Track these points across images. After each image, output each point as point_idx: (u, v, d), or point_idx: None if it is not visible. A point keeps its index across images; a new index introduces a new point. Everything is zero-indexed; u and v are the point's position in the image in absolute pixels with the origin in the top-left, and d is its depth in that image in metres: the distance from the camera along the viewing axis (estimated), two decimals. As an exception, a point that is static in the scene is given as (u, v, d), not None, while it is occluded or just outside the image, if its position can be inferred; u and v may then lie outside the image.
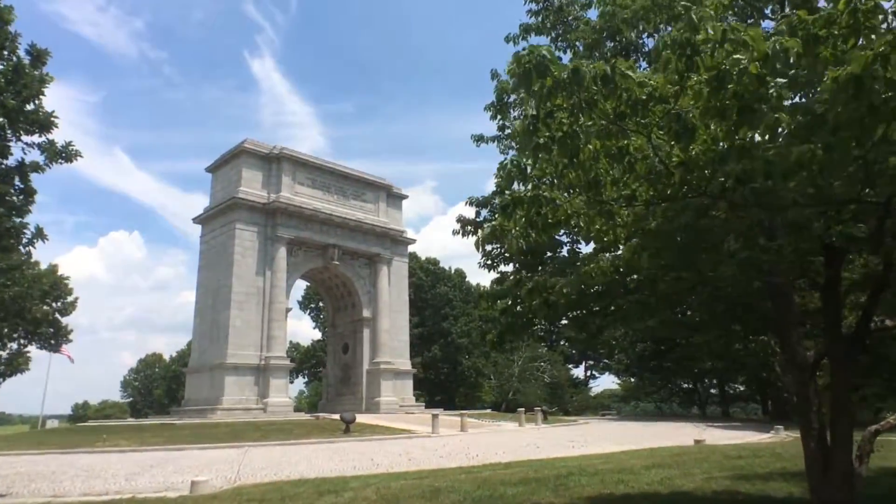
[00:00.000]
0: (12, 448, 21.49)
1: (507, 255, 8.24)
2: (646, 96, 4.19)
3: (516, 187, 4.82)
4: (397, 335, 46.70)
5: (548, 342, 68.61)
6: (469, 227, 8.07)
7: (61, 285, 42.54)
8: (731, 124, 4.00)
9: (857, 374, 6.36)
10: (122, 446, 21.86)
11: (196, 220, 43.22)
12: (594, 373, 77.41)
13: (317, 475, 13.57)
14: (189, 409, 38.08)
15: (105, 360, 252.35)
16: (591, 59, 4.33)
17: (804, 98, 4.39)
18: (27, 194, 11.32)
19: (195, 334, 41.66)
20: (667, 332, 9.82)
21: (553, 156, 4.48)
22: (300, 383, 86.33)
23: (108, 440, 23.27)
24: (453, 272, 71.52)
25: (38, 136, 12.26)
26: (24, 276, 32.89)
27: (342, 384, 46.98)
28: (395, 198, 49.88)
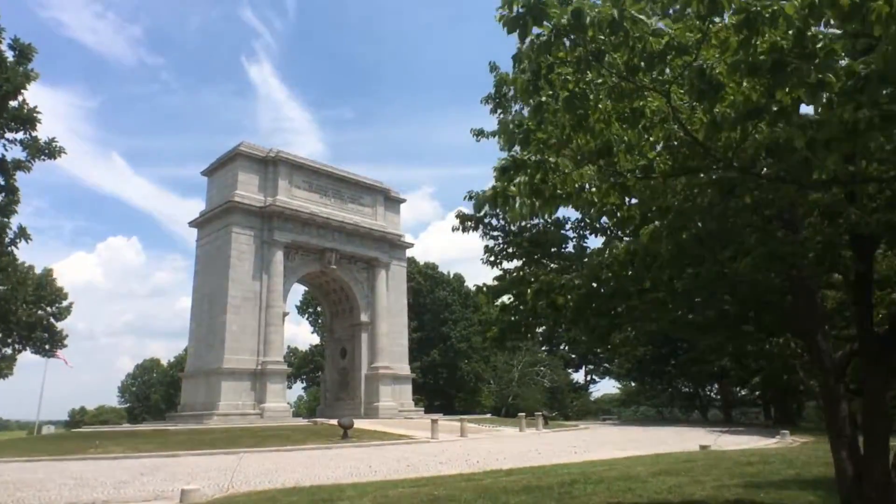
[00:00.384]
0: (2, 455, 20.97)
1: (510, 250, 7.81)
2: (663, 46, 3.60)
3: (518, 151, 4.31)
4: (396, 340, 46.24)
5: (549, 346, 68.23)
6: (469, 223, 7.64)
7: (50, 287, 41.81)
8: (765, 83, 3.42)
9: (893, 374, 5.88)
10: (114, 453, 21.38)
11: (192, 223, 42.76)
12: (594, 377, 77.04)
13: (312, 483, 13.18)
14: (185, 414, 37.57)
15: (103, 365, 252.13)
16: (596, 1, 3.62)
17: (859, 55, 3.63)
18: (9, 192, 10.87)
19: (191, 339, 41.17)
20: (677, 333, 9.37)
21: (558, 118, 3.95)
22: (299, 388, 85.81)
23: (100, 447, 22.76)
24: (452, 277, 71.11)
25: (22, 132, 11.88)
26: (9, 277, 32.20)
27: (340, 389, 46.48)
28: (392, 201, 49.46)
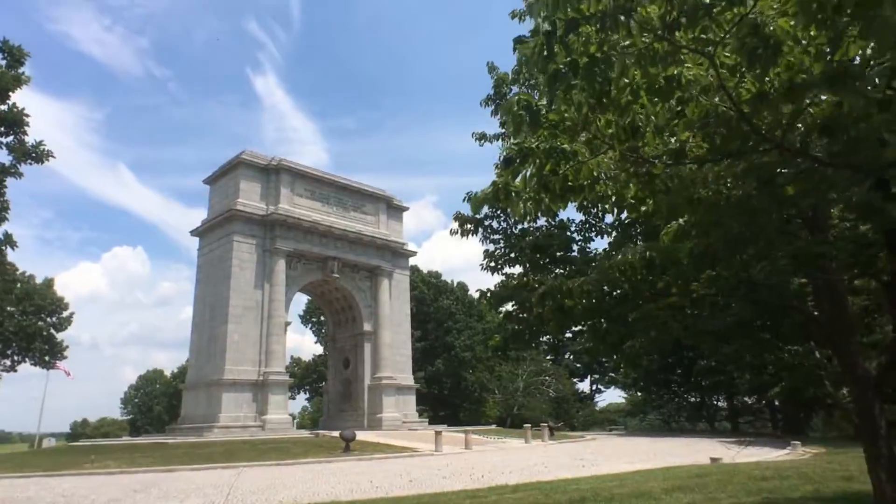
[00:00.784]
0: (-5, 470, 20.53)
1: (512, 255, 7.36)
2: None
3: (526, 138, 3.77)
4: (399, 349, 45.68)
5: (554, 356, 67.53)
6: (469, 226, 7.21)
7: (50, 297, 41.40)
8: (836, 33, 2.80)
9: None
10: (110, 468, 20.88)
11: (194, 232, 42.44)
12: (600, 387, 76.16)
13: (310, 500, 12.71)
14: (185, 426, 37.05)
15: (107, 376, 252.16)
16: None
17: None
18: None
19: (192, 350, 40.72)
20: (693, 342, 8.90)
21: (575, 93, 3.33)
22: (302, 399, 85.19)
23: (96, 461, 22.27)
24: (456, 285, 70.57)
25: (11, 136, 11.54)
26: None
27: (343, 400, 45.89)
28: (395, 210, 49.09)
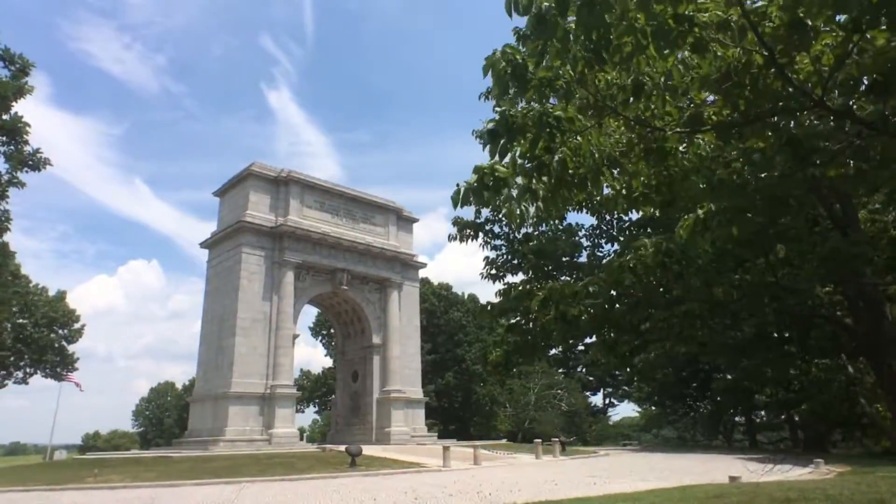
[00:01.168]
0: (-3, 484, 20.24)
1: (514, 261, 6.91)
2: None
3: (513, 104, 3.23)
4: (409, 362, 45.11)
5: (565, 369, 66.58)
6: (468, 231, 6.78)
7: (63, 309, 41.48)
8: None
9: None
10: (112, 482, 20.53)
11: (203, 244, 42.36)
12: (613, 401, 74.98)
13: (309, 519, 12.18)
14: (192, 440, 36.69)
15: (121, 388, 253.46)
16: None
17: None
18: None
19: (200, 362, 40.42)
20: (710, 357, 8.33)
21: (570, 44, 2.62)
22: (311, 412, 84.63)
23: (99, 475, 21.92)
24: (466, 297, 69.99)
25: (11, 146, 11.34)
26: None
27: (352, 413, 45.32)
28: (405, 221, 48.74)
